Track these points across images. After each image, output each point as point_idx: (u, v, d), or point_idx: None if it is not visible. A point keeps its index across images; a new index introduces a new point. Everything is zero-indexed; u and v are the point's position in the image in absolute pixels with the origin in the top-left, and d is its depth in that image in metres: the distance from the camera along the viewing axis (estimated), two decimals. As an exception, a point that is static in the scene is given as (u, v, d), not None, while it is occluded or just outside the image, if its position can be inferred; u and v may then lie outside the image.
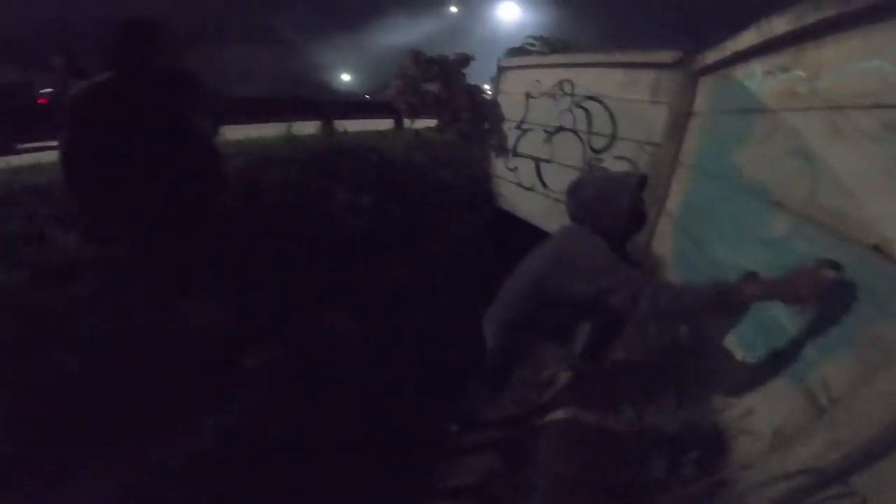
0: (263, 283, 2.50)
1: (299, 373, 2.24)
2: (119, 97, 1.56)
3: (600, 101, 3.40)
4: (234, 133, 4.07)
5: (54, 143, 2.94)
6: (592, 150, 3.46)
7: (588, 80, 3.53)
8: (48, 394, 1.64)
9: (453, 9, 30.92)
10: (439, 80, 7.84)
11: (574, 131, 3.64)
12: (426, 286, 3.58)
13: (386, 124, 8.01)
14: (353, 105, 8.74)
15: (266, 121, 5.71)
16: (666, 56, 2.77)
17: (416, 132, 6.53)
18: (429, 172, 4.93)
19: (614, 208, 1.66)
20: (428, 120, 7.39)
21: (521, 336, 1.80)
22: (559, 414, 1.72)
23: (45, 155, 3.72)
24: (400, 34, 27.23)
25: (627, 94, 3.14)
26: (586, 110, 3.52)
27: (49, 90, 6.89)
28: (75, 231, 2.10)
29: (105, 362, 1.81)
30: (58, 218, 2.25)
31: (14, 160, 3.56)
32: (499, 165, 4.82)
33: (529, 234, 3.64)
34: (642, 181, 1.94)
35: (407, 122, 7.65)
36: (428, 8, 29.87)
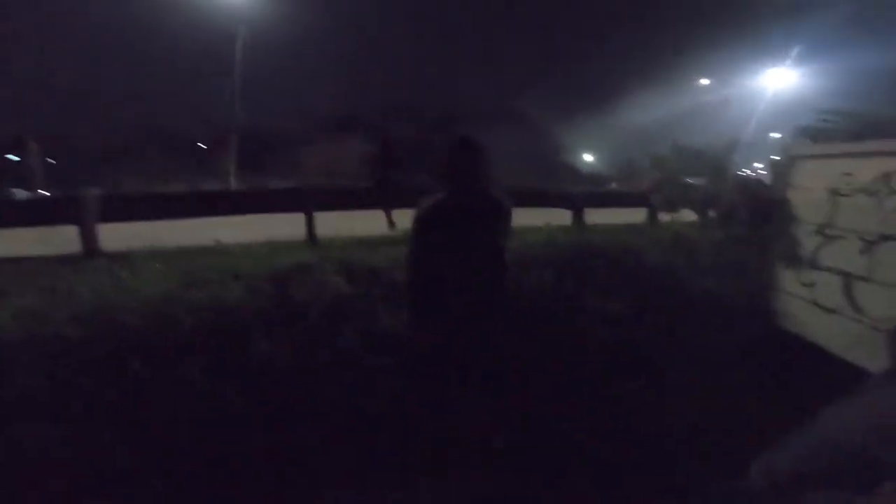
0: (513, 379, 2.63)
1: (532, 466, 2.26)
2: (455, 213, 1.90)
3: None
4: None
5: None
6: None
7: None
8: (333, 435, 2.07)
9: (704, 81, 27.82)
10: (706, 174, 7.19)
11: (916, 243, 2.77)
12: (677, 408, 3.17)
13: (638, 215, 7.74)
14: (603, 196, 8.77)
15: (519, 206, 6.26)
16: None
17: (676, 232, 6.04)
18: (690, 280, 4.46)
19: None
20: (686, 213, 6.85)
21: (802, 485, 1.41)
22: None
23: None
24: (645, 111, 26.32)
25: None
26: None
27: None
28: (397, 312, 2.62)
29: (380, 422, 2.22)
30: (385, 297, 2.85)
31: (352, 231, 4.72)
32: (786, 278, 3.99)
33: (823, 365, 3.00)
34: None
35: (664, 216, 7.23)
36: (675, 82, 27.94)
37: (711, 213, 6.79)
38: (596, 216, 7.29)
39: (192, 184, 26.29)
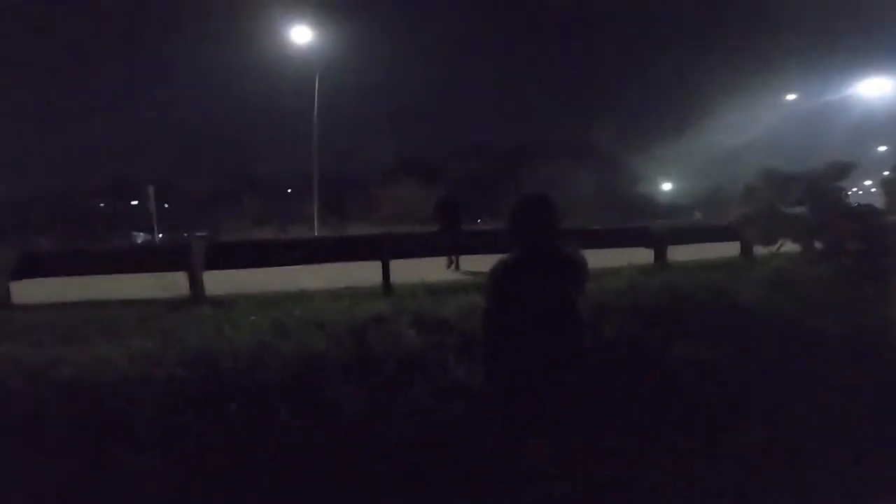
0: (588, 429, 2.51)
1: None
2: (529, 272, 1.89)
3: None
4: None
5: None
6: None
7: None
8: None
9: (790, 96, 25.64)
10: (807, 201, 6.52)
11: None
12: (781, 464, 2.82)
13: (729, 250, 7.14)
14: (687, 230, 8.23)
15: (593, 248, 6.11)
16: None
17: (776, 268, 5.50)
18: (795, 321, 4.02)
19: None
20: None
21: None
22: None
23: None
24: (727, 133, 24.73)
25: None
26: None
27: None
28: (467, 362, 2.64)
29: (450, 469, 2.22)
30: (456, 348, 2.89)
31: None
32: (911, 313, 3.51)
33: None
34: None
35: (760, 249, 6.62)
36: (758, 100, 25.96)
37: (817, 245, 6.13)
38: (680, 252, 6.86)
39: (282, 224, 28.75)
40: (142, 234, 30.74)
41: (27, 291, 5.60)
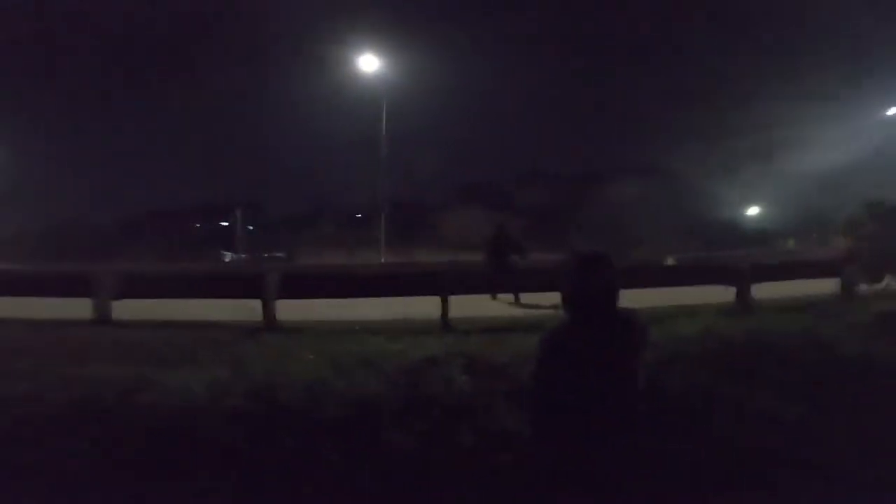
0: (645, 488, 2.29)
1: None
2: (581, 343, 1.76)
3: None
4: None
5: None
6: None
7: None
8: None
9: (892, 111, 23.30)
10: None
11: None
12: None
13: (825, 287, 6.38)
14: (775, 267, 7.46)
15: (672, 286, 5.72)
16: None
17: (883, 312, 4.83)
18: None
19: None
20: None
21: None
22: None
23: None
24: (825, 153, 22.51)
25: None
26: None
27: None
28: (515, 407, 2.61)
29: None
30: (505, 393, 2.80)
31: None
32: None
33: None
34: None
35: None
36: (858, 115, 23.55)
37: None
38: (769, 289, 6.22)
39: (351, 248, 30.05)
40: (229, 253, 33.54)
41: (124, 309, 6.31)
